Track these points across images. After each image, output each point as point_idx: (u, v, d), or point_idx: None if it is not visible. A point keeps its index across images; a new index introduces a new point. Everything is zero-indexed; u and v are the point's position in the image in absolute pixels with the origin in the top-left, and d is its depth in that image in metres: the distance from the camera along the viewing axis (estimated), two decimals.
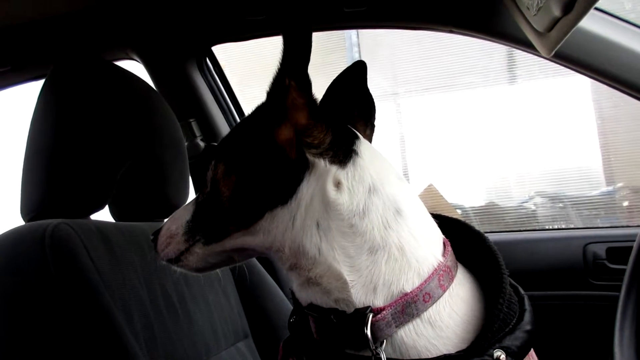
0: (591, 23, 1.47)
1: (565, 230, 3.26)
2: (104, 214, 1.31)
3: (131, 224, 1.30)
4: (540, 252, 1.98)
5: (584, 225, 4.01)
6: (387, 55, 4.31)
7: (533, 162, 4.11)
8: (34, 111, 1.22)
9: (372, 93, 0.97)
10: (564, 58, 1.52)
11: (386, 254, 0.76)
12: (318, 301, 0.79)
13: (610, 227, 3.01)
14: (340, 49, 4.38)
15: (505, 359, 0.70)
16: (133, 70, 1.39)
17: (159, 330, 1.17)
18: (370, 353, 0.73)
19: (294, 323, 0.88)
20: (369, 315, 0.73)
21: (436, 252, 0.79)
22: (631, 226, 2.56)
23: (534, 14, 1.15)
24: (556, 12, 1.03)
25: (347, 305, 0.75)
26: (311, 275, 0.78)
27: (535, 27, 1.19)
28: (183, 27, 2.01)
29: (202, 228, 0.90)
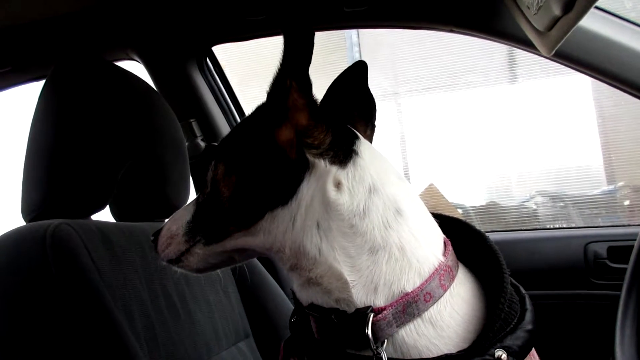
0: (591, 22, 1.47)
1: (566, 229, 3.26)
2: (104, 214, 1.31)
3: (132, 224, 1.30)
4: (541, 252, 1.98)
5: (585, 225, 4.01)
6: (388, 55, 4.31)
7: (534, 162, 4.11)
8: (35, 112, 1.22)
9: (373, 93, 0.96)
10: (565, 57, 1.52)
11: (387, 254, 0.75)
12: (319, 301, 0.78)
13: (611, 226, 3.00)
14: (341, 48, 4.39)
15: (506, 358, 0.69)
16: (133, 70, 1.39)
17: (160, 330, 1.17)
18: (371, 353, 0.73)
19: (295, 323, 0.88)
20: (369, 315, 0.72)
21: (437, 252, 0.79)
22: (632, 225, 2.55)
23: (535, 13, 1.15)
24: (556, 11, 1.02)
25: (348, 305, 0.75)
26: (312, 275, 0.78)
27: (535, 26, 1.19)
28: (183, 28, 2.01)
29: (203, 228, 0.90)
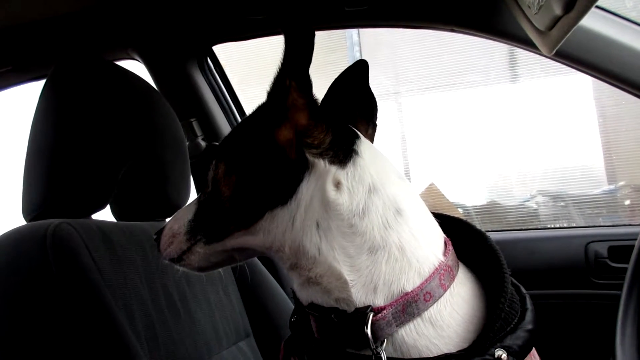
0: (592, 21, 1.47)
1: (566, 229, 3.26)
2: (105, 214, 1.31)
3: (132, 224, 1.30)
4: (542, 251, 1.98)
5: (586, 224, 4.01)
6: (388, 54, 4.31)
7: (535, 161, 4.11)
8: (35, 111, 1.22)
9: (374, 92, 0.96)
10: (566, 56, 1.52)
11: (386, 254, 0.75)
12: (319, 300, 0.79)
13: (612, 226, 3.01)
14: (342, 48, 4.38)
15: (506, 358, 0.69)
16: (134, 70, 1.39)
17: (161, 330, 1.17)
18: (370, 352, 0.73)
19: (295, 322, 0.88)
20: (369, 314, 0.72)
21: (437, 252, 0.79)
22: (633, 225, 2.55)
23: (535, 13, 1.15)
24: (557, 11, 1.02)
25: (348, 305, 0.75)
26: (311, 274, 0.78)
27: (536, 26, 1.19)
28: (184, 27, 2.01)
29: (204, 227, 0.90)
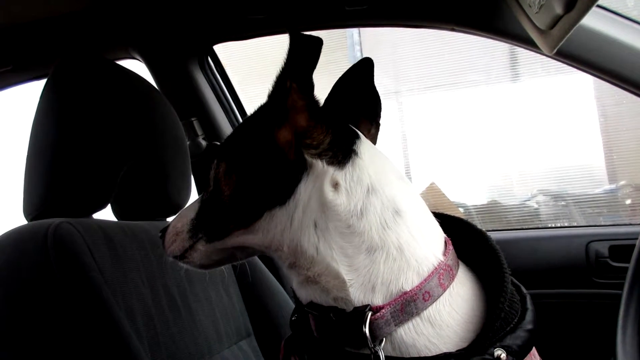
0: (593, 20, 1.47)
1: (567, 228, 3.26)
2: (106, 213, 1.32)
3: (133, 223, 1.30)
4: (543, 250, 1.98)
5: (587, 224, 4.00)
6: (389, 54, 4.31)
7: (536, 160, 4.10)
8: (36, 111, 1.22)
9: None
10: (567, 56, 1.52)
11: (384, 254, 0.76)
12: (317, 299, 0.79)
13: (613, 225, 3.00)
14: (342, 47, 4.38)
15: (505, 357, 0.69)
16: (135, 69, 1.39)
17: (162, 329, 1.17)
18: (369, 351, 0.73)
19: (295, 321, 0.88)
20: (367, 313, 0.73)
21: (436, 252, 0.79)
22: (634, 224, 2.55)
23: (536, 12, 1.15)
24: (558, 10, 1.02)
25: (346, 304, 0.76)
26: (310, 274, 0.78)
27: (537, 25, 1.19)
28: (185, 26, 2.01)
29: (205, 226, 0.91)
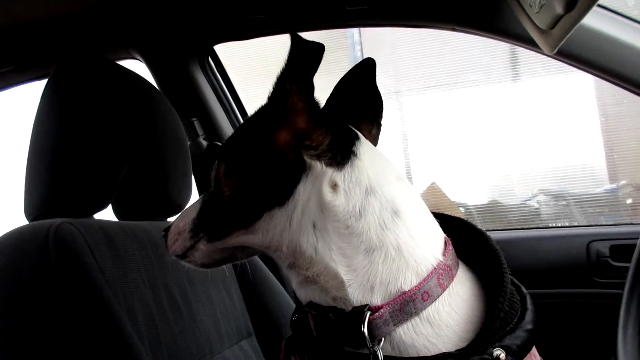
0: (594, 20, 1.46)
1: (568, 228, 3.26)
2: (107, 214, 1.32)
3: (134, 223, 1.30)
4: (543, 250, 1.98)
5: (587, 223, 3.99)
6: (389, 54, 4.31)
7: (536, 160, 4.10)
8: (37, 111, 1.22)
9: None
10: (567, 55, 1.52)
11: (383, 254, 0.76)
12: (317, 299, 0.79)
13: (614, 225, 2.99)
14: (343, 47, 4.38)
15: (505, 357, 0.69)
16: (135, 69, 1.39)
17: (163, 329, 1.17)
18: (368, 351, 0.73)
19: (296, 321, 0.88)
20: (366, 313, 0.73)
21: (436, 252, 0.79)
22: (634, 224, 2.55)
23: (537, 12, 1.15)
24: (559, 10, 1.02)
25: (345, 304, 0.76)
26: (309, 274, 0.79)
27: (537, 25, 1.19)
28: (185, 26, 2.01)
29: (206, 226, 0.92)
